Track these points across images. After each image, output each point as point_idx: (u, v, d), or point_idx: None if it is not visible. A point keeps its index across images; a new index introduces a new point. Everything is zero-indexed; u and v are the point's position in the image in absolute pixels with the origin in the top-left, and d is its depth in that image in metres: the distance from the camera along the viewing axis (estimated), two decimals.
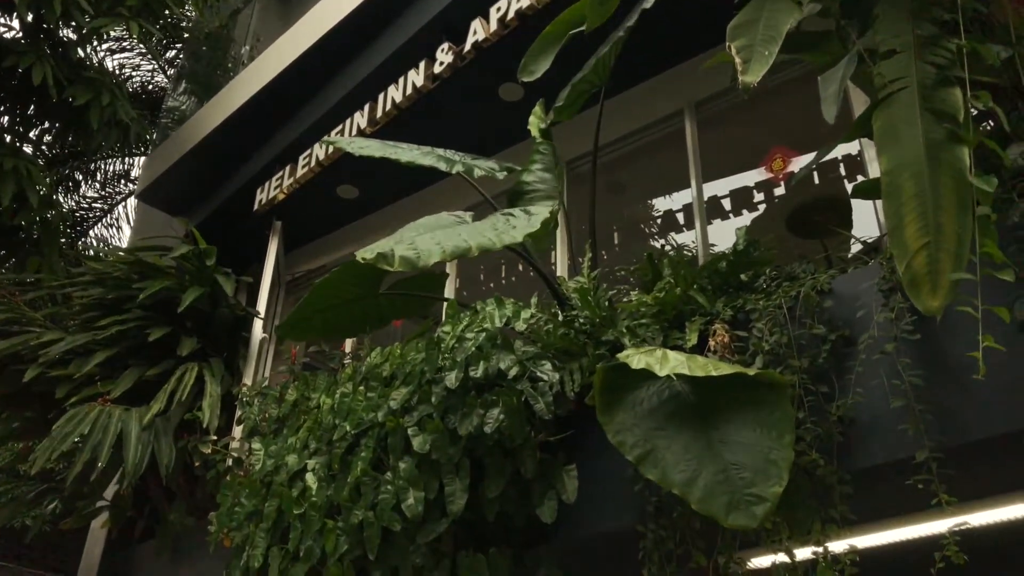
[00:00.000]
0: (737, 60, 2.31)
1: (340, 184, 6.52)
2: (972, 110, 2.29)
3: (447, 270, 5.87)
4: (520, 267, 6.65)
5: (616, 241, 6.54)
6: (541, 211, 3.33)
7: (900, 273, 2.20)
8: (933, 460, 2.39)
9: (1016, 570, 3.94)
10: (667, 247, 5.79)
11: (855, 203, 4.39)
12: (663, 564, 2.80)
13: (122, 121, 6.82)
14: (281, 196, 6.40)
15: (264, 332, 6.16)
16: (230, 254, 6.68)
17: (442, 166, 3.93)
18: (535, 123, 4.29)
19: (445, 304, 3.90)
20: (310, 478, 3.68)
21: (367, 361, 4.00)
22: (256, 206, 6.65)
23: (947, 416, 2.47)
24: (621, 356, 2.78)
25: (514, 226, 3.12)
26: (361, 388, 3.80)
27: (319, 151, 6.16)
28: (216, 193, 7.23)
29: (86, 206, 11.06)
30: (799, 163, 5.03)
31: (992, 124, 2.73)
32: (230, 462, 4.95)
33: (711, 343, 3.00)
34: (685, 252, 3.51)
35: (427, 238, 2.95)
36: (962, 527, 2.37)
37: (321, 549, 3.45)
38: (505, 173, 4.03)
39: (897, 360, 2.53)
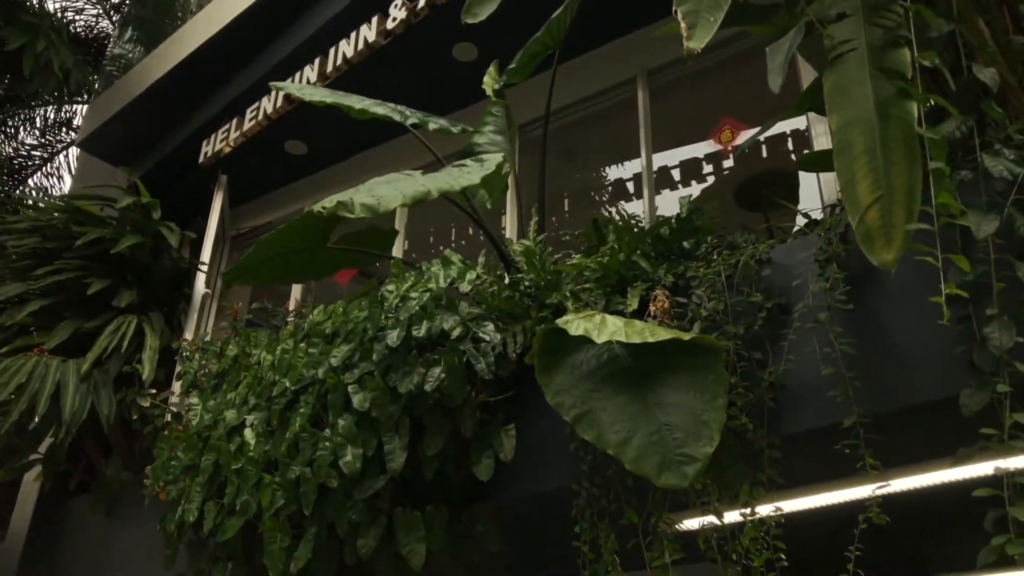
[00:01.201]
0: (682, 25, 2.32)
1: (289, 139, 6.41)
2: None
3: (396, 226, 5.83)
4: (470, 231, 6.64)
5: (567, 208, 6.55)
6: (494, 157, 3.33)
7: (854, 228, 2.22)
8: (860, 426, 2.46)
9: (938, 535, 4.11)
10: (615, 215, 5.82)
11: (801, 177, 4.46)
12: (595, 522, 2.85)
13: (60, 67, 6.59)
14: (227, 149, 6.27)
15: (207, 288, 6.07)
16: (174, 207, 6.54)
17: (396, 117, 3.89)
18: (489, 84, 4.26)
19: (391, 263, 3.87)
20: (248, 433, 3.65)
21: (309, 318, 3.97)
22: (201, 158, 6.50)
23: (875, 384, 2.54)
24: (560, 321, 2.80)
25: (469, 171, 3.12)
26: (302, 345, 3.77)
27: (267, 104, 6.04)
28: (160, 144, 7.06)
29: (24, 154, 10.71)
30: (748, 135, 5.09)
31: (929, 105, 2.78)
32: (168, 417, 4.89)
33: (651, 308, 3.04)
34: (635, 222, 3.54)
35: (386, 186, 2.93)
36: (884, 488, 2.44)
37: (257, 504, 3.43)
38: (459, 129, 4.00)
39: (829, 329, 2.59)
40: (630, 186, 6.00)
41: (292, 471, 3.33)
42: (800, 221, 3.40)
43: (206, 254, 6.19)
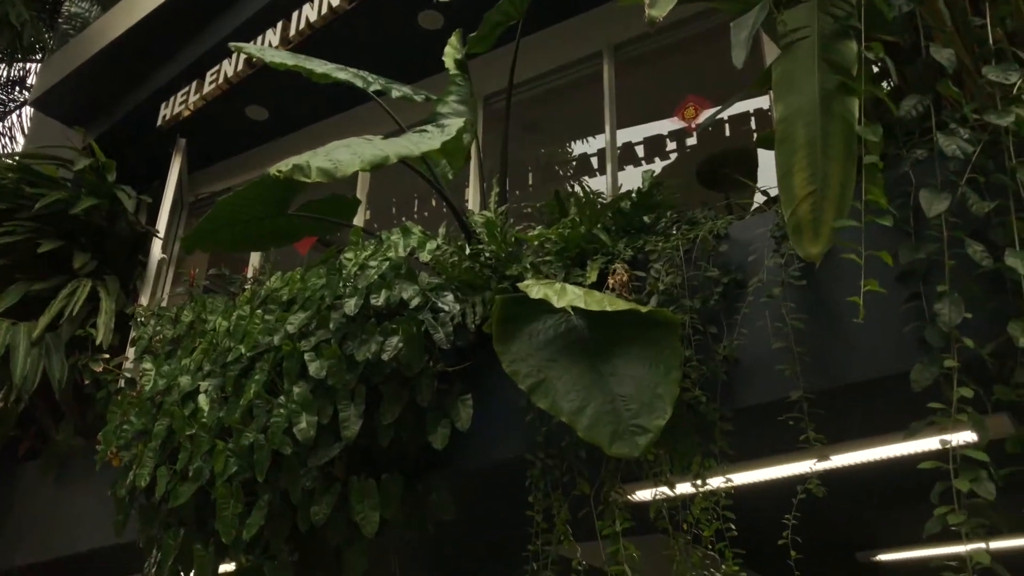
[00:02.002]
0: None
1: (250, 104, 6.30)
2: (872, 63, 2.35)
3: (358, 195, 5.78)
4: (433, 202, 6.60)
5: (531, 181, 6.54)
6: (455, 123, 3.30)
7: (785, 219, 2.26)
8: (805, 400, 2.51)
9: (885, 508, 4.21)
10: (578, 189, 5.83)
11: (762, 156, 4.50)
12: (548, 491, 2.88)
13: (14, 22, 6.39)
14: (186, 112, 6.15)
15: (164, 253, 5.97)
16: (131, 171, 6.39)
17: (358, 83, 3.83)
18: (451, 54, 4.21)
19: (351, 231, 3.84)
20: (202, 399, 3.61)
21: (266, 285, 3.93)
22: (159, 121, 6.36)
23: (824, 359, 2.59)
24: (521, 285, 2.80)
25: (430, 137, 3.09)
26: (259, 312, 3.73)
27: (228, 67, 5.92)
28: (118, 105, 6.88)
29: None
30: (712, 113, 5.11)
31: (891, 83, 2.82)
32: (122, 383, 4.81)
33: (610, 281, 3.06)
34: (598, 198, 3.54)
35: (344, 150, 2.89)
36: (824, 462, 2.50)
37: (210, 470, 3.41)
38: (423, 98, 3.96)
39: (782, 304, 2.62)
40: (594, 161, 6.00)
41: (246, 438, 3.30)
42: (760, 200, 3.44)
43: (163, 219, 6.07)
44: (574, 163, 6.23)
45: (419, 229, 3.55)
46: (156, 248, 5.95)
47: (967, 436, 2.34)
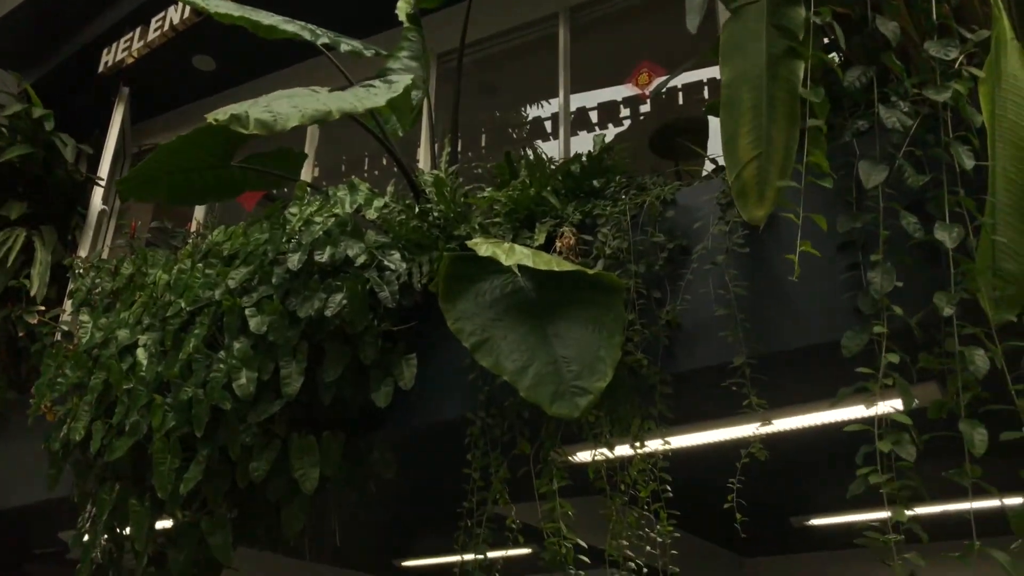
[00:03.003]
0: None
1: (196, 54, 6.12)
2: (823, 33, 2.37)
3: (306, 149, 5.68)
4: (384, 160, 6.51)
5: (484, 143, 6.49)
6: (403, 79, 3.24)
7: (730, 183, 2.28)
8: (747, 366, 2.55)
9: (813, 471, 4.32)
10: (528, 152, 5.81)
11: (713, 126, 4.52)
12: (487, 450, 2.89)
13: None
14: (130, 60, 5.95)
15: (104, 204, 5.81)
16: (71, 118, 6.19)
17: (306, 36, 3.74)
18: (403, 8, 4.13)
19: (296, 185, 3.77)
20: (140, 353, 3.54)
21: (208, 239, 3.85)
22: (101, 68, 6.15)
23: (765, 326, 2.62)
24: (470, 243, 2.79)
25: (375, 93, 3.03)
26: (200, 265, 3.66)
27: (174, 14, 5.73)
28: (57, 50, 6.63)
29: None
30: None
31: (841, 55, 2.84)
32: (58, 336, 4.70)
33: (558, 244, 3.05)
34: (549, 162, 3.53)
35: (285, 102, 2.82)
36: (766, 427, 2.54)
37: (148, 425, 3.35)
38: (372, 53, 3.88)
39: (726, 271, 2.65)
40: (548, 125, 5.97)
41: (184, 392, 3.25)
42: (710, 168, 3.46)
43: (104, 169, 5.90)
44: (528, 126, 6.20)
45: (366, 186, 3.50)
46: (96, 198, 5.78)
47: (897, 403, 2.42)
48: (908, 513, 2.07)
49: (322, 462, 3.07)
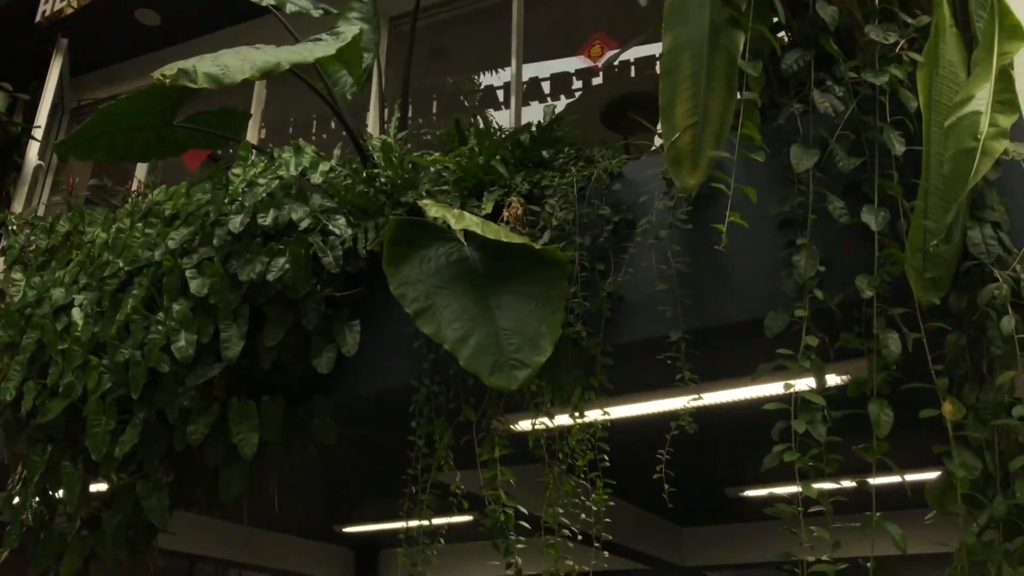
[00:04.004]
0: None
1: (140, 7, 5.93)
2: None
3: (252, 110, 5.56)
4: (333, 124, 6.42)
5: (435, 110, 6.43)
6: (351, 29, 3.19)
7: (665, 149, 2.30)
8: (683, 340, 2.59)
9: (748, 443, 4.42)
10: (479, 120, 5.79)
11: None
12: (432, 417, 2.91)
13: None
14: (68, 10, 5.74)
15: (40, 159, 5.62)
16: (6, 69, 5.97)
17: None
18: None
19: (240, 146, 3.70)
20: (76, 313, 3.46)
21: (149, 198, 3.76)
22: (38, 17, 5.92)
23: (703, 301, 2.67)
24: (421, 202, 2.78)
25: (325, 45, 2.99)
26: (139, 225, 3.57)
27: None
28: None
29: None
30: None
31: (789, 37, 2.87)
32: None
33: (505, 214, 3.06)
34: (497, 128, 3.51)
35: (233, 56, 2.75)
36: (697, 400, 2.60)
37: (83, 386, 3.29)
38: (321, 12, 3.81)
39: (668, 246, 2.68)
40: (500, 94, 5.94)
41: (121, 354, 3.19)
42: (659, 143, 3.48)
43: (41, 123, 5.71)
44: (480, 95, 6.16)
45: (312, 149, 3.45)
46: (32, 153, 5.61)
47: (832, 379, 2.49)
48: (833, 486, 2.14)
49: (262, 427, 3.05)
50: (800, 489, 2.18)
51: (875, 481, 2.12)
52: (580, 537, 2.72)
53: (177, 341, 3.08)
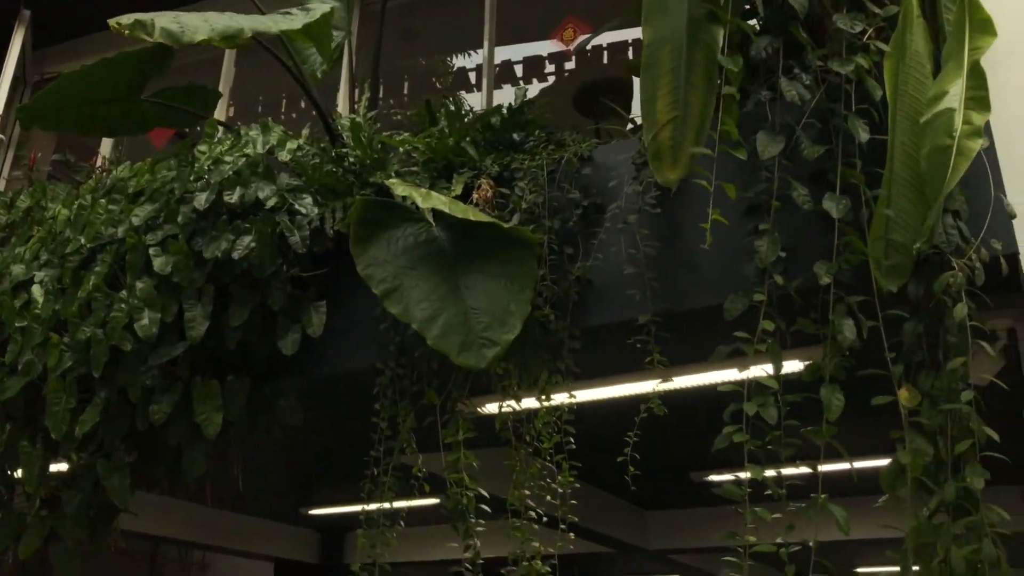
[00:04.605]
0: None
1: None
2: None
3: (220, 88, 5.49)
4: (302, 104, 6.35)
5: (406, 91, 6.38)
6: (321, 7, 3.15)
7: (647, 144, 2.30)
8: (652, 323, 2.60)
9: (712, 427, 4.46)
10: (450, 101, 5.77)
11: (637, 87, 4.54)
12: (396, 400, 2.90)
13: None
14: None
15: (1, 133, 5.51)
16: None
17: None
18: None
19: (206, 123, 3.64)
20: (36, 290, 3.40)
21: (113, 174, 3.70)
22: None
23: (672, 285, 2.69)
24: (389, 182, 2.76)
25: (292, 18, 2.94)
26: (103, 201, 3.51)
27: None
28: None
29: None
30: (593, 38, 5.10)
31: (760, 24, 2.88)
32: None
33: (475, 196, 3.05)
34: (468, 110, 3.49)
35: (195, 16, 2.70)
36: (667, 383, 2.62)
37: (43, 364, 3.23)
38: None
39: (637, 230, 2.69)
40: (472, 76, 5.91)
41: (83, 332, 3.14)
42: (630, 127, 3.49)
43: (1, 96, 5.58)
44: (452, 76, 6.12)
45: (280, 128, 3.41)
46: None
47: (795, 365, 2.52)
48: (785, 471, 2.17)
49: (225, 407, 3.03)
50: (752, 474, 2.20)
51: (825, 468, 2.15)
52: (545, 520, 2.74)
53: (140, 319, 3.04)
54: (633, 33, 5.11)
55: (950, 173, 2.00)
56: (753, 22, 2.65)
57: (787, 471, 2.14)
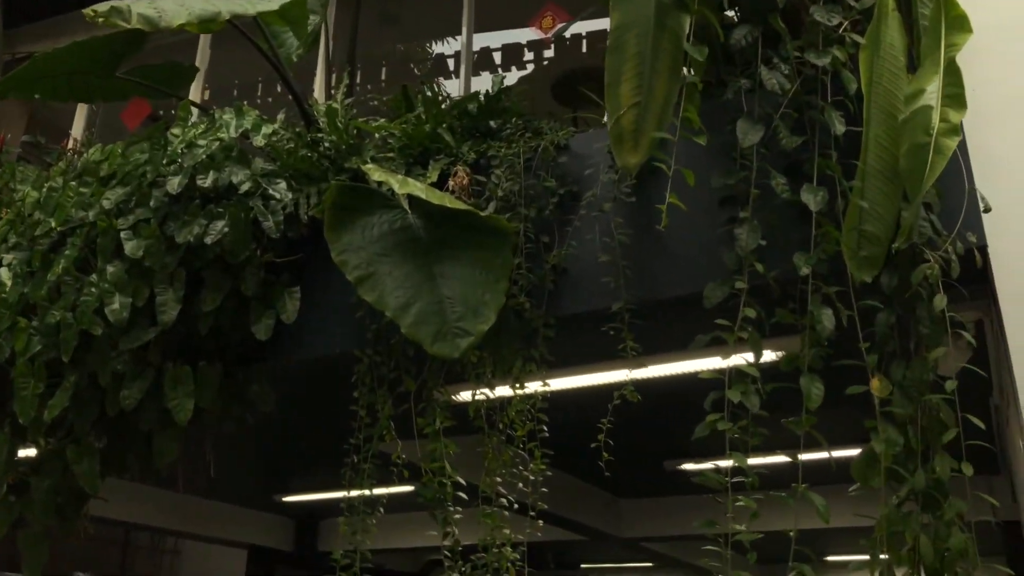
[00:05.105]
0: None
1: None
2: None
3: (197, 63, 5.42)
4: (278, 88, 6.28)
5: (384, 77, 6.34)
6: None
7: (609, 128, 2.30)
8: (626, 312, 2.61)
9: (686, 417, 4.49)
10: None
11: None
12: (374, 387, 2.89)
13: None
14: None
15: None
16: None
17: None
18: None
19: (180, 105, 3.60)
20: (4, 273, 3.35)
21: (84, 156, 3.64)
22: None
23: (646, 274, 2.69)
24: (364, 167, 2.74)
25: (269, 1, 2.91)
26: (74, 184, 3.46)
27: None
28: None
29: None
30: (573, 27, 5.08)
31: (736, 13, 2.88)
32: None
33: (451, 183, 3.03)
34: (447, 98, 3.47)
35: (171, 1, 2.66)
36: (640, 370, 2.63)
37: (11, 348, 3.19)
38: None
39: (612, 219, 2.69)
40: (451, 63, 5.88)
41: (52, 316, 3.10)
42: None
43: None
44: (430, 63, 6.09)
45: (255, 112, 3.38)
46: None
47: (769, 355, 2.53)
48: (764, 460, 2.18)
49: (197, 393, 3.00)
50: (733, 462, 2.22)
51: (804, 456, 2.17)
52: (517, 506, 2.75)
53: (111, 304, 3.00)
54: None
55: (928, 171, 2.01)
56: (731, 13, 2.67)
57: (766, 460, 2.15)
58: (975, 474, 2.08)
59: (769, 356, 2.51)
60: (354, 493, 2.87)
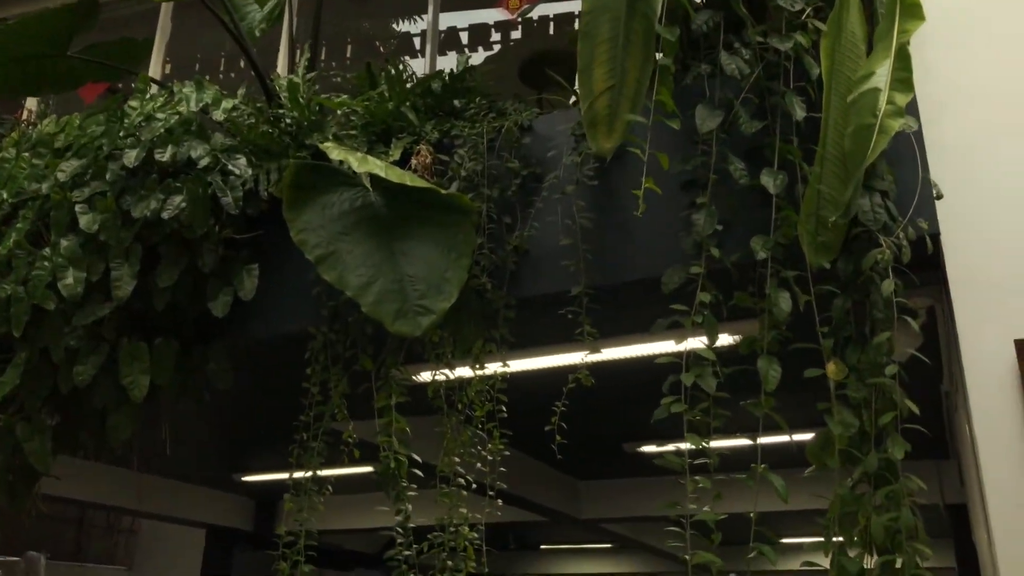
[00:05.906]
0: None
1: None
2: None
3: (157, 44, 5.31)
4: (241, 64, 6.18)
5: (349, 55, 6.27)
6: None
7: (582, 112, 2.30)
8: (585, 295, 2.62)
9: (645, 399, 4.53)
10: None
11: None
12: (328, 365, 2.87)
13: None
14: None
15: None
16: None
17: None
18: None
19: (138, 78, 3.52)
20: None
21: (39, 128, 3.56)
22: None
23: (607, 258, 2.70)
24: (323, 145, 2.71)
25: None
26: (27, 155, 3.38)
27: None
28: None
29: None
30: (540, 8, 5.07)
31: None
32: None
33: (413, 162, 3.01)
34: (410, 76, 3.43)
35: None
36: (596, 354, 2.64)
37: None
38: None
39: (574, 201, 2.69)
40: (417, 42, 5.83)
41: (3, 290, 3.03)
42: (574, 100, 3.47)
43: None
44: (395, 41, 6.03)
45: (215, 87, 3.32)
46: None
47: (726, 339, 2.56)
48: (722, 444, 2.20)
49: (153, 370, 2.96)
50: (691, 444, 2.24)
51: (763, 440, 2.20)
52: (475, 487, 2.75)
53: (64, 278, 2.94)
54: (579, 4, 5.09)
55: (871, 150, 2.04)
56: None
57: (726, 443, 2.17)
58: (925, 458, 2.13)
59: (726, 340, 2.54)
60: (301, 473, 2.86)
